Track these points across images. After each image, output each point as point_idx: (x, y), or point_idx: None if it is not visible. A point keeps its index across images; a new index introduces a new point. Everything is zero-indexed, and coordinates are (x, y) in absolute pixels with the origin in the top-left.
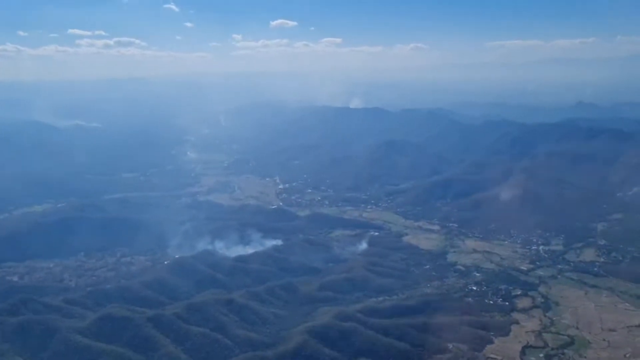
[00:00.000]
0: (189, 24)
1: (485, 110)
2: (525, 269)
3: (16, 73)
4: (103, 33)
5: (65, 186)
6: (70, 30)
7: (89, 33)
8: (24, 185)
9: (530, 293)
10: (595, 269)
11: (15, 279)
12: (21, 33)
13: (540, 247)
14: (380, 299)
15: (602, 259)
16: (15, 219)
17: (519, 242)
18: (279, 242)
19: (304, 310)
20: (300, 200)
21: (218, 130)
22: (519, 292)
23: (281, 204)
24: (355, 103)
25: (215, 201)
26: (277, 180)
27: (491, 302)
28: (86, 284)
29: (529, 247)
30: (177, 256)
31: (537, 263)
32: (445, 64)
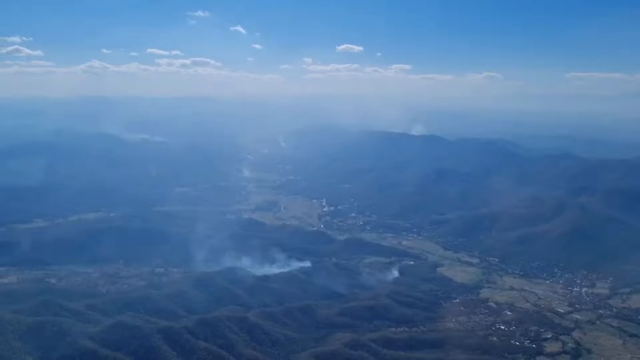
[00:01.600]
0: (257, 46)
1: (551, 143)
2: (562, 311)
3: (102, 88)
4: (179, 53)
5: (120, 196)
6: (149, 50)
7: (166, 52)
8: (83, 194)
9: (561, 337)
10: None
11: (53, 281)
12: (105, 51)
13: (584, 290)
14: (400, 329)
15: None
16: (68, 224)
17: (561, 282)
18: (307, 264)
19: (318, 334)
20: (341, 224)
21: (276, 151)
22: (549, 335)
23: (322, 226)
24: (417, 130)
25: (258, 219)
26: (324, 203)
27: (517, 343)
28: (117, 291)
29: (570, 288)
30: (204, 271)
31: (577, 306)
32: (519, 94)
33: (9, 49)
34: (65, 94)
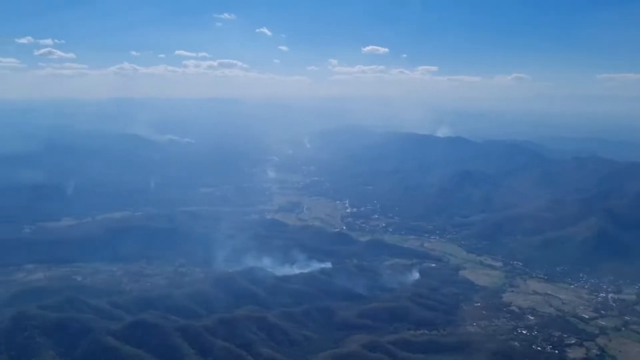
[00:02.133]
0: (283, 48)
1: (580, 145)
2: (586, 316)
3: (132, 90)
4: (206, 55)
5: (146, 196)
6: (177, 52)
7: (193, 54)
8: (110, 193)
9: (585, 343)
10: None
11: (79, 278)
12: (134, 53)
13: (610, 295)
14: (419, 332)
15: None
16: (94, 223)
17: (586, 287)
18: (328, 265)
19: (337, 335)
20: (364, 225)
21: (301, 152)
22: (572, 341)
23: (344, 227)
24: (443, 131)
25: (281, 220)
26: (347, 204)
27: (539, 348)
28: (140, 289)
29: (596, 293)
30: (226, 270)
31: (602, 312)
32: (548, 96)
33: (42, 51)
34: (97, 95)
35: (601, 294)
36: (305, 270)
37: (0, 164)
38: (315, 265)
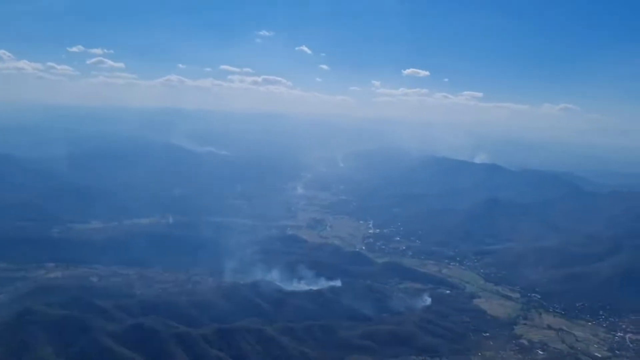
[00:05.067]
0: (324, 67)
1: (625, 180)
2: (599, 355)
3: (179, 101)
4: (250, 70)
5: (176, 204)
6: (222, 66)
7: (237, 69)
8: (142, 199)
9: None
10: None
11: (94, 279)
12: (181, 66)
13: (628, 335)
14: (420, 358)
15: None
16: (120, 227)
17: (604, 325)
18: (337, 283)
19: (335, 355)
20: (384, 247)
21: (335, 170)
22: None
23: (363, 248)
24: (480, 158)
25: (301, 236)
26: (370, 225)
27: None
28: (149, 295)
29: (614, 332)
30: (235, 281)
31: (617, 352)
32: (599, 128)
33: (93, 60)
34: (145, 104)
35: (619, 333)
36: (314, 287)
37: (42, 166)
38: (325, 283)
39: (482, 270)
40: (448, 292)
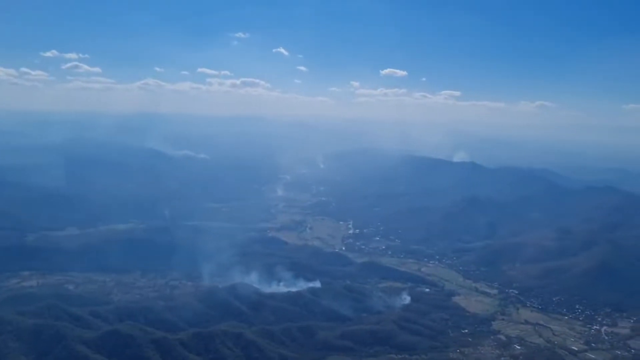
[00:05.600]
0: (302, 68)
1: (600, 176)
2: (575, 349)
3: (157, 105)
4: (228, 73)
5: (153, 209)
6: (200, 69)
7: (216, 72)
8: (118, 205)
9: None
10: None
11: (70, 287)
12: (158, 69)
13: (604, 328)
14: (399, 356)
15: None
16: (96, 234)
17: (580, 319)
18: (317, 284)
19: (314, 356)
20: (363, 247)
21: (314, 172)
22: None
23: (343, 248)
24: (459, 157)
25: (281, 238)
26: (350, 225)
27: None
28: (126, 301)
29: (590, 325)
30: (213, 285)
31: (593, 345)
32: (574, 125)
33: (69, 65)
34: (122, 109)
35: (595, 327)
36: (293, 289)
37: (16, 173)
38: (304, 285)
39: (461, 268)
40: (427, 290)
